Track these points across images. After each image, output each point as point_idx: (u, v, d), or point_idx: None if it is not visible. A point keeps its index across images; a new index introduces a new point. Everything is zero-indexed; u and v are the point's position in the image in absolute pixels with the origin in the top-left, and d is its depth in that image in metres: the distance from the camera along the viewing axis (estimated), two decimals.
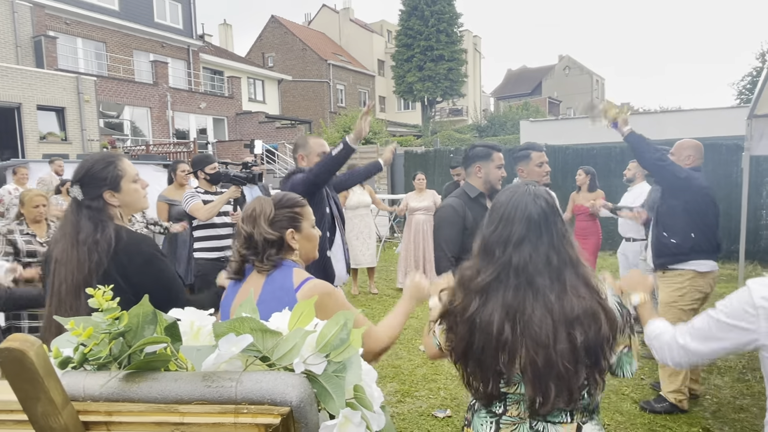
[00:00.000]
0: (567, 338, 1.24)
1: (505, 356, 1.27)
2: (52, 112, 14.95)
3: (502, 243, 1.34)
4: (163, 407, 0.73)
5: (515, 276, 1.30)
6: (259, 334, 0.79)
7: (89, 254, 1.60)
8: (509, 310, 1.29)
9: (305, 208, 1.64)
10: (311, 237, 1.65)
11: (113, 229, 1.66)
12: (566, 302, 1.27)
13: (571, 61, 47.35)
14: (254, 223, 1.54)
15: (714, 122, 12.58)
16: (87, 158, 1.75)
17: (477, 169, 2.74)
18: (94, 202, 1.68)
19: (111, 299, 1.60)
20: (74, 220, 1.67)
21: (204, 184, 4.18)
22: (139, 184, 1.79)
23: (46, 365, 0.65)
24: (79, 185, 1.69)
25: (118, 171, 1.73)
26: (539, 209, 1.34)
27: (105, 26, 18.90)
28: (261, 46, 33.15)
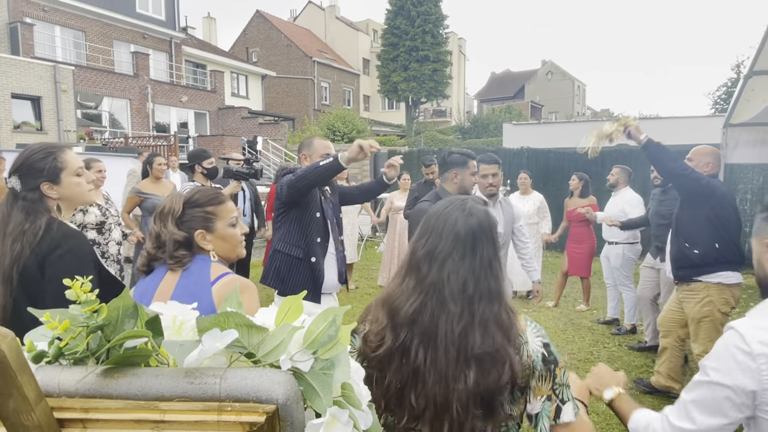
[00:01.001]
0: (463, 378, 1.12)
1: (419, 386, 1.15)
2: (28, 101, 14.56)
3: (428, 258, 1.21)
4: (143, 404, 0.70)
5: (432, 297, 1.18)
6: (245, 329, 0.77)
7: (12, 244, 1.56)
8: (424, 335, 1.17)
9: (220, 207, 1.53)
10: (227, 237, 1.53)
11: (45, 221, 1.60)
12: (470, 337, 1.15)
13: (554, 67, 47.97)
14: (163, 222, 1.47)
15: (691, 130, 12.87)
16: (27, 148, 1.68)
17: (453, 175, 2.84)
18: (30, 193, 1.62)
19: (35, 291, 1.56)
20: (7, 211, 1.61)
21: (200, 178, 4.22)
22: (83, 178, 1.72)
23: (19, 359, 0.62)
24: (17, 175, 1.63)
25: (57, 163, 1.66)
26: (468, 228, 1.21)
27: (85, 14, 18.48)
28: (245, 40, 32.82)
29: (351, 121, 22.33)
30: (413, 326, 1.18)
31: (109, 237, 4.00)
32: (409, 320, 1.18)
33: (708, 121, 14.24)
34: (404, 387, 1.17)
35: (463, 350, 1.14)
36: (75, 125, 15.49)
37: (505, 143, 16.40)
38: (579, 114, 44.02)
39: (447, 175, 2.86)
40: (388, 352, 1.18)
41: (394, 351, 1.18)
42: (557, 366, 1.22)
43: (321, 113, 28.05)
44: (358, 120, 23.46)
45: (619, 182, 5.16)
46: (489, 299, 1.18)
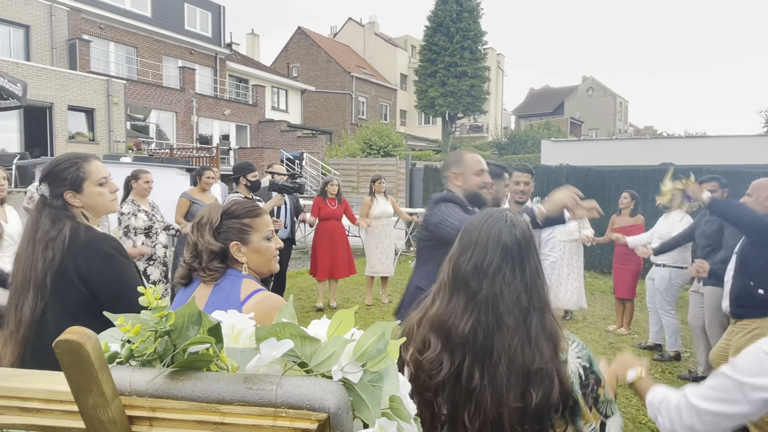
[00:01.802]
0: (517, 396, 1.10)
1: (473, 407, 1.13)
2: (82, 113, 15.37)
3: (476, 273, 1.19)
4: (205, 406, 0.75)
5: (487, 313, 1.16)
6: (299, 339, 0.81)
7: (43, 251, 1.60)
8: (479, 353, 1.15)
9: (257, 219, 1.53)
10: (262, 250, 1.52)
11: (70, 227, 1.64)
12: (526, 352, 1.13)
13: (595, 83, 47.14)
14: (200, 233, 1.49)
15: (740, 150, 12.38)
16: (56, 157, 1.77)
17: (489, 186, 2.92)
18: (56, 200, 1.68)
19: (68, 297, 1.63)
20: (36, 217, 1.67)
21: (244, 190, 4.41)
22: (106, 188, 1.76)
23: (100, 359, 0.68)
24: (46, 183, 1.69)
25: (80, 172, 1.70)
26: (514, 239, 1.20)
27: (137, 32, 19.45)
28: (286, 56, 33.70)
29: (387, 135, 22.51)
30: (468, 346, 1.16)
31: (156, 240, 4.30)
32: (464, 340, 1.16)
33: (759, 141, 13.68)
34: (457, 407, 1.15)
35: (518, 366, 1.12)
36: (124, 136, 16.23)
37: (544, 160, 16.17)
38: (621, 131, 42.99)
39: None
40: (446, 377, 1.16)
41: (450, 375, 1.16)
42: (599, 385, 1.20)
43: (358, 127, 28.41)
44: (395, 134, 23.63)
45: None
46: (541, 311, 1.18)
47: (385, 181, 6.92)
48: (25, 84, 8.48)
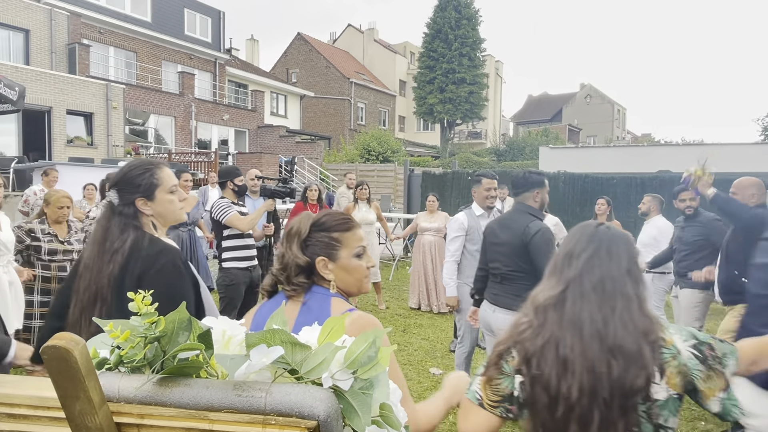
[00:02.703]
0: (606, 365, 1.19)
1: (569, 376, 1.21)
2: (81, 117, 15.37)
3: (567, 257, 1.36)
4: (194, 413, 0.74)
5: (574, 286, 1.30)
6: (289, 346, 0.81)
7: (110, 262, 1.56)
8: (570, 323, 1.27)
9: (347, 234, 1.41)
10: (350, 268, 1.40)
11: (133, 239, 1.60)
12: (611, 327, 1.23)
13: (593, 90, 47.33)
14: (289, 244, 1.41)
15: (737, 158, 12.44)
16: (127, 163, 1.70)
17: (536, 193, 3.07)
18: (126, 208, 1.63)
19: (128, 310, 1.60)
20: (105, 225, 1.63)
21: (230, 194, 4.30)
22: (176, 196, 1.72)
23: (88, 365, 0.68)
24: (116, 189, 1.64)
25: (153, 179, 1.66)
26: (604, 234, 1.36)
27: (137, 36, 19.49)
28: (286, 62, 33.79)
29: (386, 141, 22.54)
30: (557, 313, 1.29)
31: None
32: (551, 304, 1.31)
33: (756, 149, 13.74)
34: (559, 379, 1.23)
35: (605, 338, 1.22)
36: (123, 140, 16.23)
37: (542, 166, 16.20)
38: (619, 138, 43.13)
39: (528, 194, 3.08)
40: (542, 341, 1.27)
41: (547, 343, 1.26)
42: (713, 349, 1.25)
43: (357, 133, 28.47)
44: (393, 140, 23.67)
45: (650, 210, 5.15)
46: (627, 300, 1.26)
47: (369, 186, 6.74)
48: (23, 88, 8.49)
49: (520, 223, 2.98)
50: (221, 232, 4.13)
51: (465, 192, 11.60)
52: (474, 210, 3.89)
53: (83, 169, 9.19)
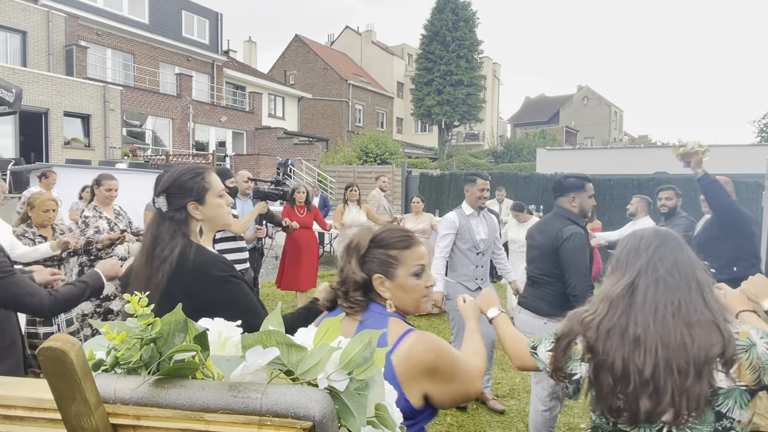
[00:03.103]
0: (679, 337, 1.24)
1: (640, 354, 1.25)
2: (78, 119, 15.35)
3: (633, 252, 1.40)
4: (190, 414, 0.74)
5: (645, 273, 1.34)
6: (285, 347, 0.81)
7: (158, 271, 1.54)
8: (641, 306, 1.31)
9: (405, 252, 1.35)
10: (407, 288, 1.34)
11: (180, 248, 1.57)
12: (684, 305, 1.29)
13: (590, 92, 47.47)
14: (348, 258, 1.37)
15: (733, 159, 12.47)
16: (175, 169, 1.70)
17: (571, 198, 2.99)
18: (178, 213, 1.61)
19: None
20: (155, 232, 1.60)
21: None
22: (224, 200, 1.71)
23: (84, 366, 0.68)
24: (165, 195, 1.62)
25: (204, 183, 1.66)
26: (666, 231, 1.43)
27: (134, 38, 19.49)
28: (283, 63, 33.81)
29: (384, 143, 22.57)
30: (626, 300, 1.33)
31: (111, 252, 3.94)
32: (621, 294, 1.34)
33: (752, 150, 13.79)
34: (628, 358, 1.27)
35: (683, 315, 1.27)
36: (120, 142, 16.21)
37: (539, 168, 16.24)
38: (616, 140, 43.25)
39: (564, 199, 3.02)
40: (608, 326, 1.31)
41: (613, 327, 1.31)
42: None
43: (354, 135, 28.48)
44: (391, 142, 23.70)
45: (638, 211, 5.25)
46: (699, 284, 1.32)
47: (359, 188, 6.65)
48: (20, 90, 8.47)
49: (554, 227, 2.94)
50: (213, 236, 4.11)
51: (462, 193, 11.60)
52: (464, 209, 3.91)
53: (80, 171, 9.17)
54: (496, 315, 1.76)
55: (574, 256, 2.79)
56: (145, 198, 4.86)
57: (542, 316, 2.94)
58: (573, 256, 2.79)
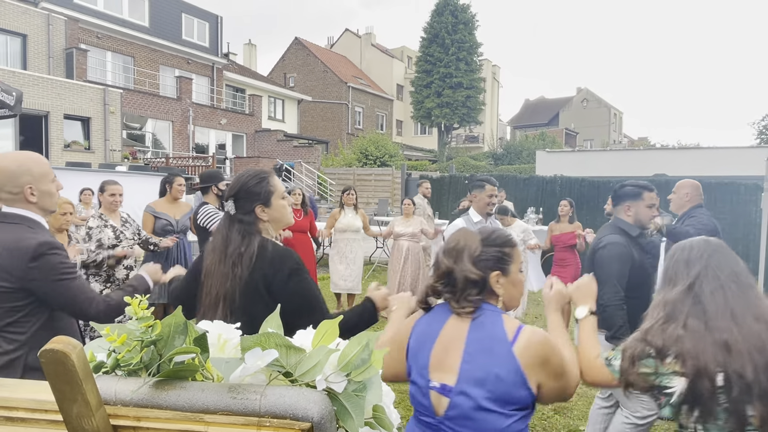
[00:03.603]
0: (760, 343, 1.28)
1: (735, 361, 1.27)
2: (78, 122, 15.36)
3: (685, 264, 1.43)
4: (190, 416, 0.75)
5: (704, 277, 1.38)
6: (284, 349, 0.82)
7: (233, 267, 1.64)
8: (717, 315, 1.33)
9: (515, 249, 1.48)
10: (516, 282, 1.47)
11: (258, 242, 1.68)
12: (761, 308, 1.34)
13: (589, 94, 47.53)
14: (457, 258, 1.42)
15: (733, 161, 12.49)
16: (241, 174, 1.79)
17: (626, 207, 2.82)
18: (247, 216, 1.71)
19: (256, 311, 1.57)
20: (226, 234, 1.70)
21: (213, 199, 4.14)
22: (286, 201, 1.82)
23: (85, 368, 0.69)
24: (234, 200, 1.73)
25: (270, 187, 1.76)
26: (713, 240, 1.47)
27: (134, 41, 19.51)
28: (283, 66, 33.85)
29: (383, 145, 22.59)
30: (696, 307, 1.36)
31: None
32: (681, 300, 1.38)
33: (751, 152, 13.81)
34: (725, 364, 1.29)
35: (761, 317, 1.31)
36: (120, 145, 16.22)
37: (539, 170, 16.26)
38: (615, 142, 43.29)
39: (619, 208, 2.86)
40: (693, 337, 1.33)
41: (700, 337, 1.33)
42: None
43: (354, 137, 28.51)
44: (391, 144, 23.72)
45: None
46: (755, 288, 1.38)
47: (356, 192, 6.53)
48: (20, 93, 8.48)
49: (600, 235, 2.84)
50: (206, 239, 4.00)
51: (462, 196, 11.62)
52: (472, 216, 3.75)
53: (80, 173, 9.18)
54: (585, 316, 1.66)
55: (605, 265, 2.67)
56: (145, 200, 4.85)
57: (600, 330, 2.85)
58: (603, 265, 2.68)
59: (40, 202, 1.77)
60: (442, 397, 1.35)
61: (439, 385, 1.36)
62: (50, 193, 1.81)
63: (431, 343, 1.41)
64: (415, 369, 1.42)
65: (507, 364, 1.31)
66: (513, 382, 1.30)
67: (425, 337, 1.43)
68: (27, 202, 1.74)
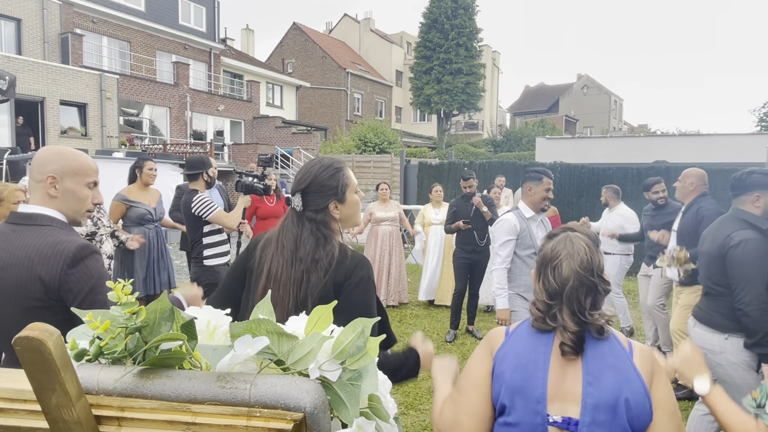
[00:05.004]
0: None
1: None
2: (74, 108, 15.23)
3: None
4: (176, 406, 0.72)
5: None
6: (275, 336, 0.78)
7: (307, 273, 1.43)
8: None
9: None
10: None
11: (336, 245, 1.48)
12: None
13: (590, 80, 47.23)
14: (601, 274, 1.29)
15: (733, 148, 12.43)
16: (311, 164, 1.55)
17: (755, 197, 2.57)
18: (319, 214, 1.48)
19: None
20: (295, 232, 1.47)
21: (202, 186, 4.00)
22: (358, 195, 1.60)
23: (63, 356, 0.65)
24: (302, 194, 1.49)
25: (345, 179, 1.53)
26: None
27: (130, 26, 19.27)
28: (281, 52, 33.54)
29: (383, 132, 22.45)
30: None
31: (99, 249, 3.63)
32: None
33: (752, 139, 13.74)
34: None
35: None
36: (117, 131, 16.10)
37: (538, 157, 16.18)
38: (615, 129, 43.13)
39: (746, 198, 2.60)
40: None
41: None
42: None
43: (353, 124, 28.34)
44: (390, 131, 23.57)
45: (609, 200, 5.67)
46: None
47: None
48: (14, 77, 8.38)
49: (724, 231, 2.56)
50: (200, 229, 3.88)
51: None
52: (523, 211, 3.40)
53: None
54: (707, 390, 1.37)
55: (743, 266, 2.40)
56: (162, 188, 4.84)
57: (721, 332, 2.56)
58: (741, 266, 2.41)
59: (62, 200, 1.52)
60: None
61: (560, 418, 1.18)
62: (77, 196, 1.54)
63: (545, 368, 1.22)
64: (523, 403, 1.21)
65: (631, 376, 1.17)
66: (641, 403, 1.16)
67: (535, 363, 1.23)
68: (48, 197, 1.51)
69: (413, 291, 7.05)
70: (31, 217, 1.48)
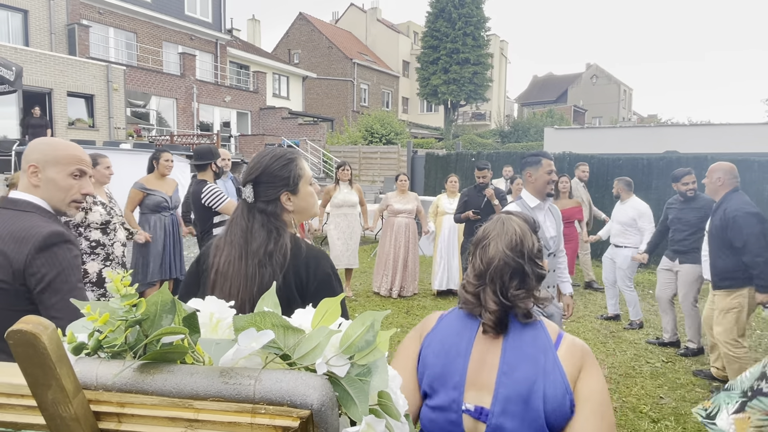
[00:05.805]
0: None
1: None
2: (82, 99, 15.26)
3: None
4: (178, 402, 0.69)
5: None
6: (281, 330, 0.75)
7: (260, 267, 1.38)
8: None
9: None
10: None
11: (290, 238, 1.43)
12: None
13: (599, 70, 46.69)
14: (539, 258, 1.26)
15: (745, 138, 12.24)
16: (261, 155, 1.52)
17: None
18: (270, 205, 1.45)
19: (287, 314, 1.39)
20: (245, 225, 1.43)
21: (210, 177, 4.04)
22: (313, 187, 1.57)
23: (59, 351, 0.62)
24: (253, 185, 1.46)
25: (298, 170, 1.49)
26: None
27: (137, 17, 19.24)
28: (288, 42, 33.39)
29: (389, 122, 22.34)
30: None
31: (114, 238, 3.70)
32: None
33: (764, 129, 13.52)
34: None
35: None
36: (124, 123, 16.13)
37: (547, 148, 16.03)
38: (624, 119, 42.69)
39: None
40: None
41: None
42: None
43: (360, 114, 28.22)
44: (397, 122, 23.47)
45: (621, 192, 5.58)
46: None
47: (351, 168, 6.50)
48: (21, 68, 8.38)
49: None
50: (210, 219, 3.90)
51: (468, 173, 11.50)
52: (527, 201, 3.10)
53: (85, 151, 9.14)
54: None
55: None
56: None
57: None
58: None
59: (45, 189, 1.52)
60: (478, 423, 1.16)
61: (473, 407, 1.16)
62: (59, 186, 1.54)
63: (465, 354, 1.20)
64: (442, 390, 1.20)
65: (551, 368, 1.14)
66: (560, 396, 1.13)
67: (450, 345, 1.23)
68: (31, 186, 1.52)
69: (421, 282, 7.03)
70: (16, 202, 1.51)
